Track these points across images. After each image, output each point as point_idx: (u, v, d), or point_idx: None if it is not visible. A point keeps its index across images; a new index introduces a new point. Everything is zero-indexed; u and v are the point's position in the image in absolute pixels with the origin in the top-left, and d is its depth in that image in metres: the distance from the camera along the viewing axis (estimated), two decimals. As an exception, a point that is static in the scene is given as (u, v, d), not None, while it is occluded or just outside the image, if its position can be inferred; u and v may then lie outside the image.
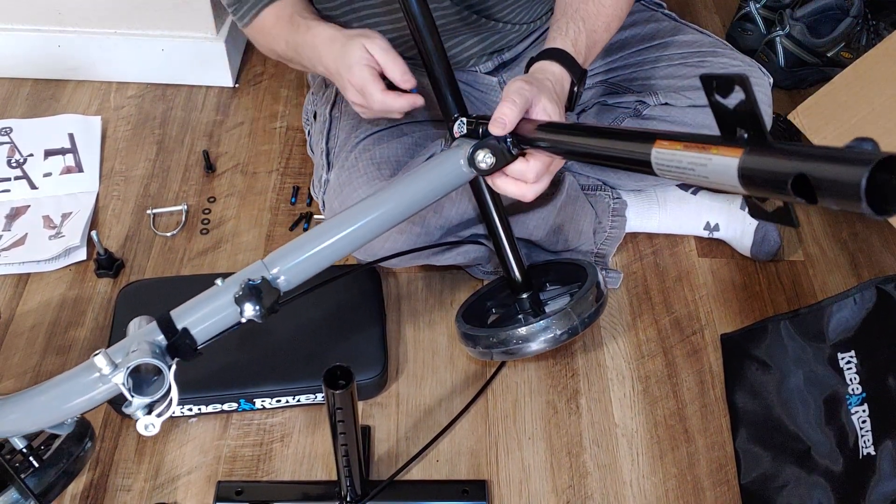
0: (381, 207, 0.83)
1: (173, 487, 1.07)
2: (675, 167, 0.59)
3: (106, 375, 0.74)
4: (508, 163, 0.83)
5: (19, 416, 0.83)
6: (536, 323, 1.02)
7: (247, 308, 0.76)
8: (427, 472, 1.09)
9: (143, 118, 1.56)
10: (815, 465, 1.03)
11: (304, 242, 0.80)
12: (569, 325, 1.02)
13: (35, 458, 0.89)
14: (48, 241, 1.33)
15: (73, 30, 1.56)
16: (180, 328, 0.77)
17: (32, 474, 0.88)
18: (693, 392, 1.18)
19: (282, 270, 0.79)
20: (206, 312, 0.78)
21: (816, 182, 0.47)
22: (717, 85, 0.55)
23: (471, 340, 1.09)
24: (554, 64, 0.96)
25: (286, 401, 1.13)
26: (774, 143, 0.52)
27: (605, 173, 1.28)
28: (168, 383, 0.74)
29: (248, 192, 1.44)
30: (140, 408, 0.75)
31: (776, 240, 1.29)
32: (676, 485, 1.09)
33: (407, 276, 1.30)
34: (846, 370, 1.04)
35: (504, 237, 1.09)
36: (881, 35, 1.57)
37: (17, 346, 1.21)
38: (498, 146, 0.82)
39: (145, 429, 0.75)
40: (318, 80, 1.32)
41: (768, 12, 1.64)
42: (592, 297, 1.06)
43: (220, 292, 0.78)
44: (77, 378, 0.79)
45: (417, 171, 0.85)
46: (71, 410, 0.81)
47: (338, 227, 0.81)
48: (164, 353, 0.76)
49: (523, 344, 1.03)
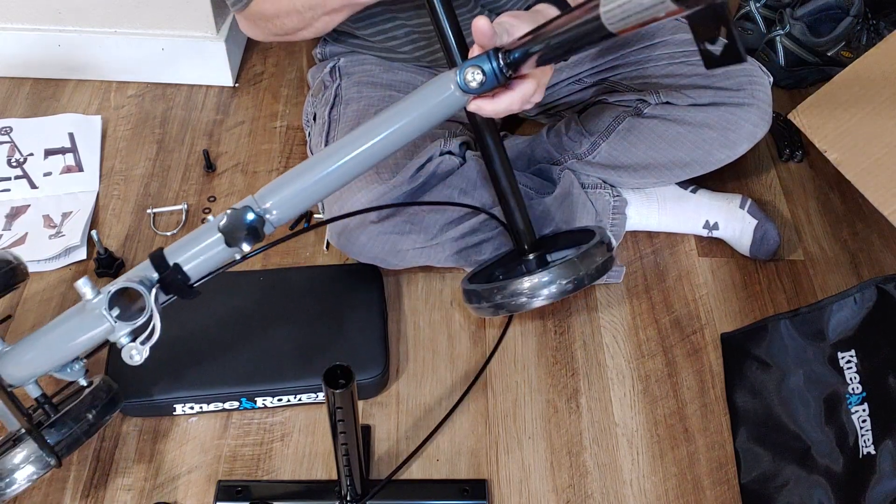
0: (371, 137, 0.80)
1: (173, 487, 1.07)
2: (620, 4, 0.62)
3: (90, 300, 0.74)
4: (500, 84, 0.80)
5: (24, 361, 0.84)
6: (541, 273, 1.00)
7: (234, 240, 0.75)
8: (427, 472, 1.09)
9: (143, 117, 1.56)
10: (816, 465, 1.03)
11: (295, 176, 0.79)
12: (574, 274, 0.99)
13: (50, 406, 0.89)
14: (48, 240, 1.33)
15: (73, 29, 1.56)
16: (171, 264, 0.77)
17: (49, 425, 0.86)
18: (693, 391, 1.18)
19: (274, 204, 0.78)
20: (196, 247, 0.78)
21: None
22: None
23: (475, 296, 1.07)
24: (551, 7, 0.97)
25: (287, 400, 1.13)
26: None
27: (605, 172, 1.28)
28: (150, 308, 0.75)
29: (249, 192, 1.42)
30: (124, 334, 0.75)
31: (775, 239, 1.29)
32: (676, 484, 1.09)
33: (408, 276, 1.30)
34: (846, 369, 1.04)
35: (511, 193, 1.07)
36: (881, 34, 1.57)
37: (17, 346, 1.22)
38: (486, 62, 0.79)
39: (130, 357, 0.76)
40: (318, 81, 1.33)
41: (768, 11, 1.64)
42: (601, 250, 1.03)
43: (210, 227, 0.78)
44: (72, 316, 0.80)
45: (407, 99, 0.82)
46: (72, 350, 0.81)
47: (328, 160, 0.79)
48: (153, 286, 0.77)
49: (528, 296, 1.01)
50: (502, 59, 0.79)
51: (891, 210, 1.12)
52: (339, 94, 1.25)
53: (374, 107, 1.21)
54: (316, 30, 1.11)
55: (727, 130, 1.20)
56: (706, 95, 1.20)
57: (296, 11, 1.07)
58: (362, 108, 1.21)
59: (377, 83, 1.25)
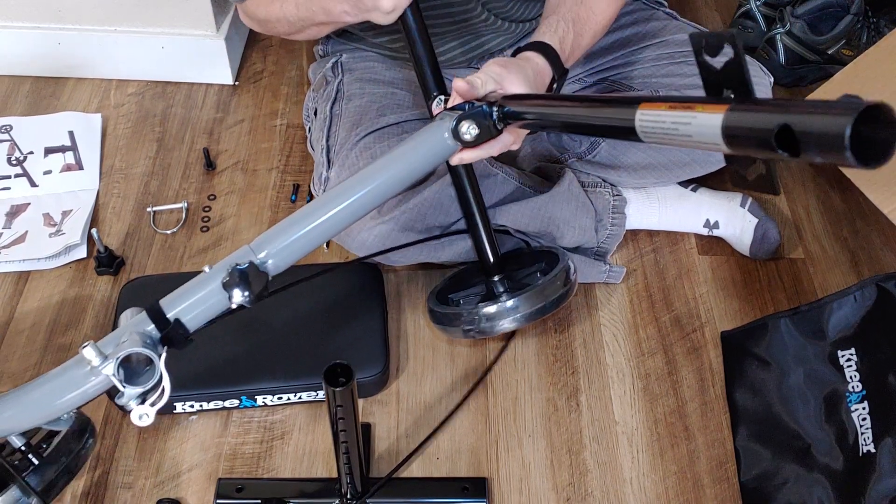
0: (367, 185, 0.81)
1: (174, 485, 1.07)
2: (660, 129, 0.58)
3: (96, 367, 0.74)
4: (493, 136, 0.82)
5: (13, 413, 0.82)
6: (506, 301, 1.05)
7: (235, 294, 0.75)
8: (427, 470, 1.09)
9: (143, 116, 1.56)
10: (815, 463, 1.03)
11: (290, 224, 0.79)
12: (539, 303, 1.05)
13: (35, 455, 0.88)
14: (48, 238, 1.33)
15: (73, 27, 1.56)
16: (172, 318, 0.76)
17: (33, 472, 0.87)
18: (693, 389, 1.18)
19: (269, 254, 0.77)
20: (196, 300, 0.77)
21: (801, 134, 0.46)
22: (707, 43, 0.55)
23: (442, 319, 1.11)
24: (538, 56, 0.98)
25: (287, 398, 1.13)
26: (759, 99, 0.52)
27: (605, 171, 1.28)
28: (159, 372, 0.74)
29: (249, 190, 1.44)
30: (133, 398, 0.74)
31: (776, 237, 1.29)
32: (676, 482, 1.09)
33: (407, 274, 1.30)
34: (846, 368, 1.04)
35: (479, 219, 1.11)
36: (882, 32, 1.57)
37: (17, 344, 1.21)
38: (483, 117, 0.80)
39: (139, 419, 0.75)
40: (319, 76, 1.33)
41: (769, 9, 1.64)
42: (561, 279, 1.08)
43: (209, 279, 0.77)
44: (68, 372, 0.78)
45: (401, 146, 0.84)
46: (64, 405, 0.80)
47: (323, 208, 0.80)
48: (156, 343, 0.76)
49: (493, 321, 1.06)
50: (496, 114, 0.80)
51: (891, 208, 1.12)
52: (341, 90, 1.25)
53: (375, 103, 1.21)
54: (307, 35, 1.11)
55: (727, 129, 1.20)
56: None
57: (285, 19, 1.07)
58: (364, 104, 1.21)
59: (379, 80, 1.25)
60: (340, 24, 1.05)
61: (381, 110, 1.20)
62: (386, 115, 1.19)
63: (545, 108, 0.78)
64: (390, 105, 1.21)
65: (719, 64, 0.54)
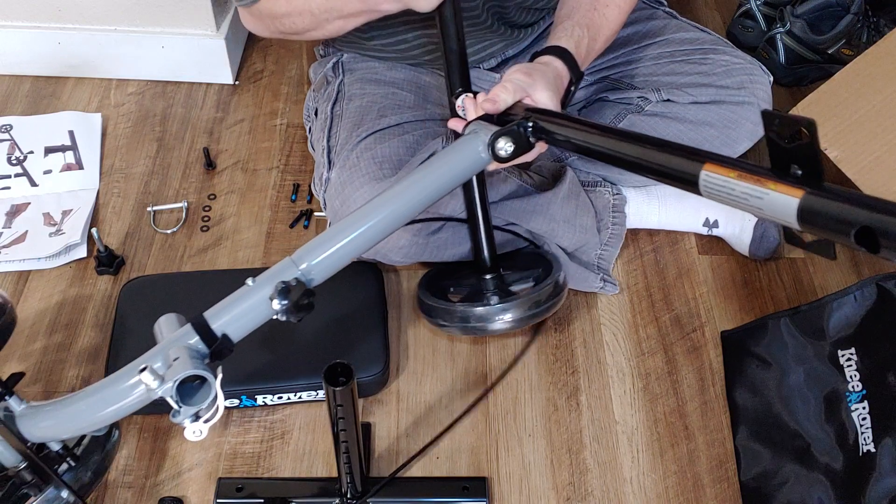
0: (404, 198, 0.83)
1: (174, 484, 1.07)
2: (727, 194, 0.60)
3: (154, 390, 0.74)
4: (525, 152, 0.83)
5: (57, 422, 0.84)
6: (497, 304, 1.06)
7: (278, 305, 0.76)
8: (427, 469, 1.09)
9: (143, 115, 1.56)
10: (815, 462, 1.03)
11: (331, 237, 0.81)
12: (529, 310, 1.06)
13: (71, 457, 0.91)
14: (48, 238, 1.33)
15: (73, 27, 1.56)
16: (220, 333, 0.78)
17: (69, 471, 0.90)
18: (693, 389, 1.18)
19: (310, 266, 0.79)
20: (241, 313, 0.79)
21: (884, 235, 0.47)
22: (780, 123, 0.55)
23: (430, 311, 1.12)
24: (556, 60, 0.99)
25: (287, 397, 1.13)
26: (831, 187, 0.53)
27: (608, 169, 1.28)
28: (214, 392, 0.75)
29: (249, 190, 1.44)
30: (188, 416, 0.75)
31: (775, 237, 1.29)
32: (676, 482, 1.09)
33: (408, 273, 1.30)
34: (846, 367, 1.04)
35: (481, 214, 1.11)
36: (882, 32, 1.57)
37: (17, 344, 1.21)
38: (518, 136, 0.82)
39: (193, 434, 0.76)
40: (320, 76, 1.32)
41: (769, 9, 1.64)
42: (551, 287, 1.09)
43: (253, 292, 0.78)
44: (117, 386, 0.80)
45: (436, 158, 0.86)
46: (108, 418, 0.82)
47: (362, 220, 0.82)
48: (206, 358, 0.77)
49: (482, 323, 1.07)
50: (531, 132, 0.82)
51: (891, 208, 1.12)
52: (342, 90, 1.25)
53: (376, 103, 1.21)
54: (326, 32, 1.08)
55: (728, 129, 1.20)
56: (707, 94, 1.20)
57: (309, 12, 1.04)
58: (365, 104, 1.21)
59: (380, 80, 1.25)
60: (374, 14, 1.03)
61: (382, 111, 1.20)
62: (387, 115, 1.19)
63: (592, 136, 0.77)
64: (391, 105, 1.21)
65: (789, 142, 0.55)
